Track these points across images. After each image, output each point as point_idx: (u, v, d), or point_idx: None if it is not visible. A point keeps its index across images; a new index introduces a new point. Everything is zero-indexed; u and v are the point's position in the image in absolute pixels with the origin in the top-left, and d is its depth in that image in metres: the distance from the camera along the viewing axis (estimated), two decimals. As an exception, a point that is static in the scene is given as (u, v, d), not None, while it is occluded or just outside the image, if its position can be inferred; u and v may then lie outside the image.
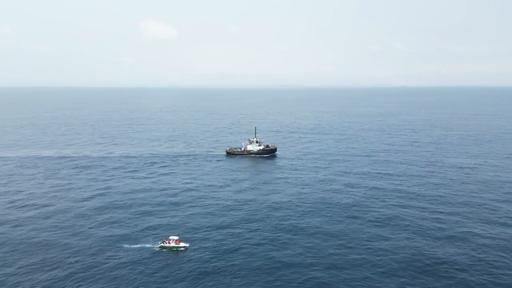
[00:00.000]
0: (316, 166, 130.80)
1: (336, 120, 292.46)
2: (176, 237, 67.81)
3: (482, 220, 79.47)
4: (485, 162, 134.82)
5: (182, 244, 66.79)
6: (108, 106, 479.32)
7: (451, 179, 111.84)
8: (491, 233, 72.42)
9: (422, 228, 74.93)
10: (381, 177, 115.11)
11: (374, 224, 77.23)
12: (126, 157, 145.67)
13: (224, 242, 68.83)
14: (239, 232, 73.37)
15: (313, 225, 76.83)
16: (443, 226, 76.06)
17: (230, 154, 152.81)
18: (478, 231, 73.58)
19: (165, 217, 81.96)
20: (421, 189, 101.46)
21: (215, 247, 67.07)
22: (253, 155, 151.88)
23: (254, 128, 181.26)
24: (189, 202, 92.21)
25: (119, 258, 62.60)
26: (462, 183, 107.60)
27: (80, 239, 70.26)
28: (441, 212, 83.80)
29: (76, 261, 61.67)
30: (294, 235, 72.00)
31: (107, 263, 61.22)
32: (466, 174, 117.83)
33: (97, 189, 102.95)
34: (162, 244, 66.74)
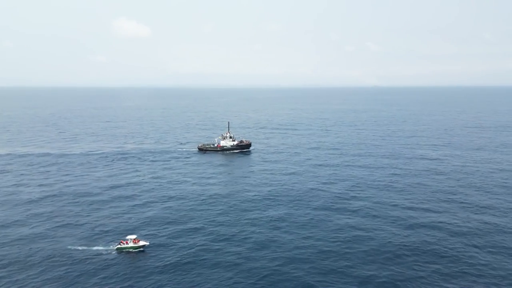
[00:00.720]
0: (288, 160, 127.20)
1: (310, 117, 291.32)
2: (134, 236, 61.28)
3: (451, 209, 77.87)
4: (453, 153, 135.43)
5: (141, 243, 60.15)
6: (76, 104, 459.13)
7: (420, 170, 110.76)
8: (459, 223, 70.72)
9: (392, 219, 72.27)
10: (351, 169, 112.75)
11: (342, 216, 73.91)
12: (88, 154, 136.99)
13: (182, 239, 63.51)
14: (200, 228, 68.19)
15: (279, 218, 72.64)
16: (412, 215, 73.76)
17: (202, 150, 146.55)
18: (448, 220, 71.70)
19: (123, 215, 75.47)
20: (390, 180, 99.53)
21: (172, 244, 61.65)
22: (227, 151, 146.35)
23: (227, 123, 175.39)
24: (150, 199, 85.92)
25: (61, 262, 55.92)
26: (431, 173, 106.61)
27: (21, 243, 62.99)
28: (410, 202, 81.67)
29: (8, 265, 54.68)
30: (258, 229, 67.55)
31: (44, 267, 54.50)
32: (436, 165, 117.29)
33: (50, 187, 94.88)
34: (119, 246, 60.06)
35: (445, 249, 59.76)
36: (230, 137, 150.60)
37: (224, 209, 78.49)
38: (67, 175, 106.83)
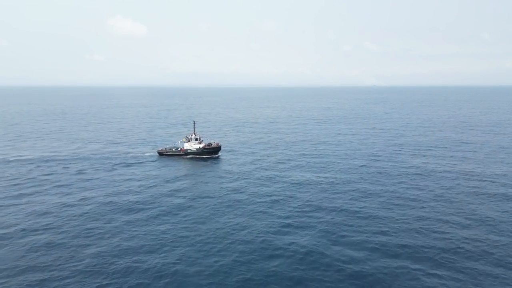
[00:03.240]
0: (256, 167, 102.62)
1: (296, 115, 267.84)
2: None
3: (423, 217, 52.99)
4: (445, 151, 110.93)
5: None
6: (57, 103, 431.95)
7: (396, 175, 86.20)
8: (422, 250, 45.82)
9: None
10: (315, 173, 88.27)
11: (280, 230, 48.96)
12: (9, 161, 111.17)
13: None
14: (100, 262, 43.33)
15: (199, 240, 47.67)
16: (369, 237, 48.81)
17: (162, 155, 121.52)
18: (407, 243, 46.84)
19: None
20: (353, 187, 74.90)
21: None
22: (192, 155, 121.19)
23: (192, 122, 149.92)
24: (39, 232, 60.89)
25: None
26: (420, 173, 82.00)
27: None
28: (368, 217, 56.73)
29: None
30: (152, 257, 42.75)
31: None
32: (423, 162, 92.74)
33: None
34: None
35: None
36: (196, 139, 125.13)
37: (135, 239, 53.34)
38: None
